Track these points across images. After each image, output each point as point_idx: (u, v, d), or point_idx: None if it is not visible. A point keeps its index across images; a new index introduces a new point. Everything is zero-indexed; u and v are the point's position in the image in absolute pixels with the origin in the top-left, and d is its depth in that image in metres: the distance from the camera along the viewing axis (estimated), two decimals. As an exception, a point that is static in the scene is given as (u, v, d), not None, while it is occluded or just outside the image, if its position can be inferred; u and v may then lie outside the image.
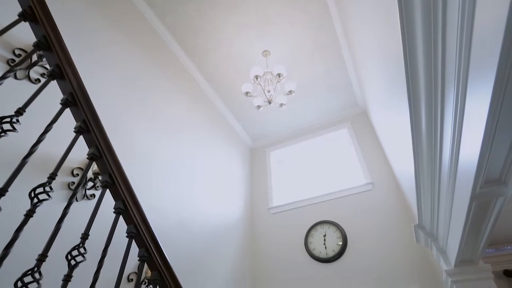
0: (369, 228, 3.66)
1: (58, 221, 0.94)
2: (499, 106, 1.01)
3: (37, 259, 0.85)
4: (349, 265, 3.50)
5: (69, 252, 0.94)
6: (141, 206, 1.19)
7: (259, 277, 3.97)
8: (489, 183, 1.26)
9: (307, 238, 3.91)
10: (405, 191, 3.24)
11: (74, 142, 1.09)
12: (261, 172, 5.09)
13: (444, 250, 2.21)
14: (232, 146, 4.82)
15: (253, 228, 4.48)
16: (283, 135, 5.32)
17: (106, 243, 1.06)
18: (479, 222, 1.51)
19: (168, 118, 3.36)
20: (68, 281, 0.91)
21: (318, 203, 4.17)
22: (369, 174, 4.09)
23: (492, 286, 1.98)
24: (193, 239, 3.09)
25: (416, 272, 3.16)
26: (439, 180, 1.68)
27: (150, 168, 2.84)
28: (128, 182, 1.17)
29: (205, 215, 3.44)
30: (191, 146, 3.64)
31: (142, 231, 1.16)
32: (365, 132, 4.57)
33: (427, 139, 1.58)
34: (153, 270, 1.21)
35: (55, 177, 0.96)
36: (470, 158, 1.25)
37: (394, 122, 2.59)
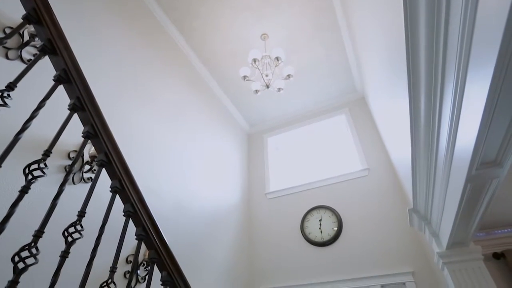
0: (364, 213, 3.72)
1: (54, 197, 0.93)
2: (499, 89, 1.01)
3: (33, 235, 0.85)
4: (344, 249, 3.57)
5: (66, 229, 0.94)
6: (137, 185, 1.19)
7: (255, 261, 4.05)
8: (484, 165, 1.27)
9: (303, 222, 3.96)
10: (401, 176, 3.27)
11: (68, 120, 1.07)
12: (258, 157, 5.10)
13: (437, 233, 2.26)
14: (230, 131, 4.81)
15: (250, 213, 4.53)
16: (280, 121, 5.30)
17: (103, 221, 1.06)
18: (472, 204, 1.53)
19: (164, 102, 3.33)
20: (66, 257, 0.91)
21: (315, 188, 4.21)
22: (366, 160, 4.12)
23: (481, 267, 2.04)
24: (191, 223, 3.11)
25: (409, 255, 3.24)
26: (435, 164, 1.69)
27: (146, 152, 2.82)
28: (124, 161, 1.16)
29: (203, 199, 3.46)
30: (188, 130, 3.62)
31: (139, 210, 1.16)
32: (362, 118, 4.57)
33: (425, 122, 1.58)
34: (150, 249, 1.22)
35: (49, 154, 0.94)
36: (467, 140, 1.25)
37: (392, 107, 2.59)
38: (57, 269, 0.88)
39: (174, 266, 1.23)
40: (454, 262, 2.08)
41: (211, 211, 3.56)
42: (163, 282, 1.22)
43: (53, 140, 0.98)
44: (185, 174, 3.27)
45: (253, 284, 3.86)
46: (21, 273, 0.79)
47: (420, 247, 3.23)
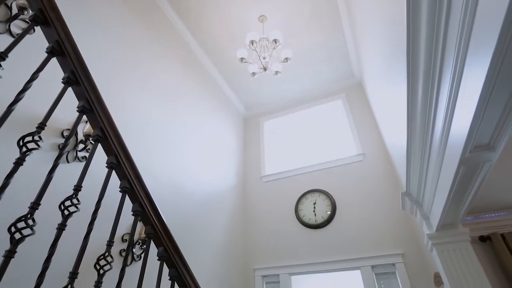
0: (357, 197, 3.79)
1: (49, 171, 0.93)
2: (496, 73, 1.02)
3: (29, 207, 0.85)
4: (336, 231, 3.66)
5: (62, 203, 0.94)
6: (133, 161, 1.19)
7: (250, 242, 4.13)
8: (478, 148, 1.29)
9: (297, 205, 4.03)
10: (395, 161, 3.32)
11: (63, 93, 1.04)
12: (254, 141, 5.11)
13: (428, 216, 2.31)
14: (226, 114, 4.78)
15: (245, 195, 4.58)
16: (277, 105, 5.28)
17: (99, 196, 1.06)
18: (464, 187, 1.57)
19: (160, 83, 3.29)
20: (62, 230, 0.91)
21: (310, 172, 4.25)
22: (361, 145, 4.15)
23: (468, 248, 2.11)
24: (186, 204, 3.14)
25: (399, 238, 3.33)
26: (429, 147, 1.71)
27: (142, 132, 2.81)
28: (120, 136, 1.15)
29: (198, 181, 3.48)
30: (184, 112, 3.59)
31: (135, 186, 1.17)
32: (359, 104, 4.57)
33: (422, 107, 1.58)
34: (147, 225, 1.23)
35: (44, 127, 0.93)
36: (462, 124, 1.26)
37: (390, 93, 2.59)
38: (54, 241, 0.89)
39: (170, 242, 1.25)
40: (443, 243, 2.15)
41: (207, 193, 3.59)
42: (160, 257, 1.25)
43: (48, 113, 0.96)
44: (180, 156, 3.28)
45: (248, 264, 3.96)
46: (18, 243, 0.79)
47: (410, 230, 3.32)
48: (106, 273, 1.01)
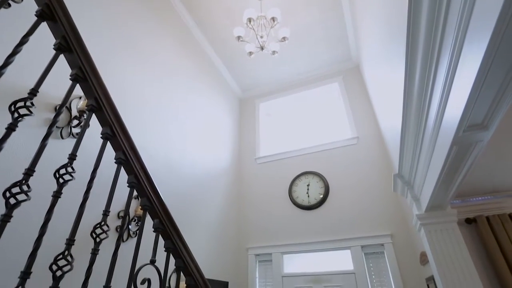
0: (350, 179, 3.85)
1: (43, 138, 0.91)
2: (494, 53, 1.03)
3: (24, 173, 0.84)
4: (329, 213, 3.74)
5: (57, 171, 0.94)
6: (129, 133, 1.17)
7: (244, 222, 4.20)
8: (472, 127, 1.30)
9: (291, 187, 4.08)
10: (389, 144, 3.36)
11: (55, 60, 1.01)
12: (249, 123, 5.09)
13: (418, 198, 2.37)
14: (222, 95, 4.73)
15: (240, 176, 4.62)
16: (273, 87, 5.23)
17: (94, 166, 1.05)
18: (455, 167, 1.60)
19: (156, 62, 3.24)
20: (58, 197, 0.91)
21: (304, 154, 4.28)
22: (356, 128, 4.17)
23: (455, 228, 2.18)
24: (181, 183, 3.16)
25: (389, 219, 3.43)
26: (424, 128, 1.73)
27: (138, 111, 2.79)
28: (115, 107, 1.13)
29: (194, 161, 3.49)
30: (180, 92, 3.55)
31: (131, 157, 1.16)
32: (355, 87, 4.56)
33: (419, 86, 1.58)
34: (142, 197, 1.24)
35: (36, 93, 0.91)
36: (457, 103, 1.27)
37: (387, 75, 2.58)
38: (50, 207, 0.88)
39: (165, 214, 1.26)
40: (431, 224, 2.22)
41: (202, 174, 3.60)
42: (155, 229, 1.26)
43: (39, 79, 0.94)
44: (176, 136, 3.26)
45: (241, 243, 4.05)
46: (13, 208, 0.79)
47: (400, 211, 3.41)
48: (102, 243, 1.03)
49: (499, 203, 2.88)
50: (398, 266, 3.14)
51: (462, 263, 2.09)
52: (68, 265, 0.87)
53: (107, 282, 1.00)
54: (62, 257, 0.87)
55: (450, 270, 2.09)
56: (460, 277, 2.06)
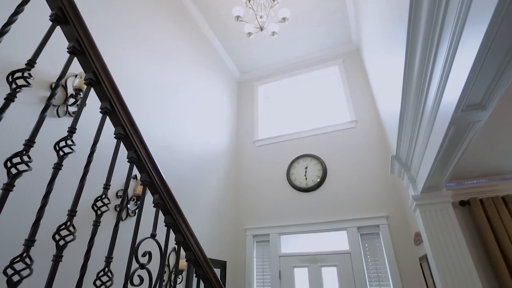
0: (348, 162, 3.88)
1: (42, 111, 0.91)
2: (494, 33, 1.02)
3: (24, 144, 0.84)
4: (326, 195, 3.79)
5: (57, 143, 0.94)
6: (127, 108, 1.17)
7: (242, 204, 4.26)
8: (470, 107, 1.31)
9: (289, 169, 4.12)
10: (387, 127, 3.36)
11: (51, 32, 0.99)
12: (248, 105, 5.07)
13: (414, 179, 2.41)
14: (220, 78, 4.68)
15: (238, 159, 4.64)
16: (272, 70, 5.17)
17: (94, 140, 1.05)
18: (452, 147, 1.62)
19: (155, 44, 3.21)
20: (59, 169, 0.92)
21: (303, 137, 4.30)
22: (354, 112, 4.17)
23: (449, 209, 2.23)
24: (180, 164, 3.18)
25: (385, 201, 3.48)
26: (423, 107, 1.73)
27: (136, 93, 2.79)
28: (114, 81, 1.12)
29: (192, 143, 3.50)
30: (179, 73, 3.51)
31: (130, 132, 1.16)
32: (355, 71, 4.52)
33: (420, 65, 1.57)
34: (142, 172, 1.25)
35: (33, 64, 0.90)
36: (457, 82, 1.27)
37: (387, 56, 2.55)
38: (51, 179, 0.89)
39: (165, 189, 1.27)
40: (426, 204, 2.26)
41: (200, 155, 3.62)
42: (155, 204, 1.28)
43: (36, 50, 0.92)
44: (174, 117, 3.25)
45: (239, 224, 4.12)
46: (15, 177, 0.80)
47: (396, 194, 3.46)
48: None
49: (493, 186, 2.93)
50: (393, 247, 3.23)
51: (455, 243, 2.15)
52: (71, 235, 0.88)
53: (109, 253, 1.02)
54: (64, 227, 0.88)
55: (443, 249, 2.15)
56: (452, 256, 2.12)
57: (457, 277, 2.06)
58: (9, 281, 0.74)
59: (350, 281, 3.28)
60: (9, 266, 0.75)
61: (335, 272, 3.40)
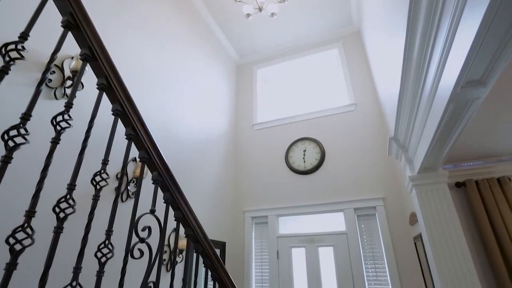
0: (346, 145, 3.90)
1: (37, 85, 0.90)
2: (495, 11, 1.00)
3: (20, 117, 0.84)
4: (324, 177, 3.83)
5: (54, 118, 0.93)
6: (124, 85, 1.16)
7: (241, 187, 4.30)
8: (470, 83, 1.30)
9: (288, 153, 4.14)
10: (386, 110, 3.36)
11: (43, 4, 0.97)
12: (246, 89, 5.03)
13: (412, 160, 2.42)
14: (218, 61, 4.62)
15: (237, 142, 4.65)
16: (271, 53, 5.09)
17: (91, 116, 1.05)
18: (450, 126, 1.62)
19: (153, 27, 3.17)
20: (56, 143, 0.92)
21: (302, 121, 4.29)
22: (354, 95, 4.15)
23: (445, 188, 2.26)
24: (178, 147, 3.19)
25: (382, 183, 3.53)
26: (422, 88, 1.72)
27: (134, 75, 2.78)
28: (110, 57, 1.11)
29: (191, 126, 3.49)
30: (176, 56, 3.48)
31: (127, 108, 1.16)
32: (355, 53, 4.46)
33: (420, 45, 1.55)
34: (140, 149, 1.25)
35: (27, 37, 0.88)
36: (458, 57, 1.26)
37: (388, 35, 2.51)
38: (49, 153, 0.90)
39: (163, 166, 1.28)
40: (422, 184, 2.29)
41: (199, 139, 3.62)
42: (154, 181, 1.29)
43: (30, 22, 0.90)
44: (172, 101, 3.24)
45: (238, 207, 4.18)
46: (12, 150, 0.80)
47: (393, 176, 3.50)
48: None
49: (489, 167, 2.96)
50: (388, 227, 3.30)
51: (449, 222, 2.19)
52: (70, 208, 0.90)
53: (109, 227, 1.04)
54: (64, 200, 0.90)
55: (438, 228, 2.20)
56: (446, 236, 2.17)
57: (450, 255, 2.11)
58: (11, 249, 0.76)
59: (346, 260, 3.36)
60: (11, 236, 0.76)
61: (332, 252, 3.48)
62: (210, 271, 1.56)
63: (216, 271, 1.55)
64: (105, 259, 0.99)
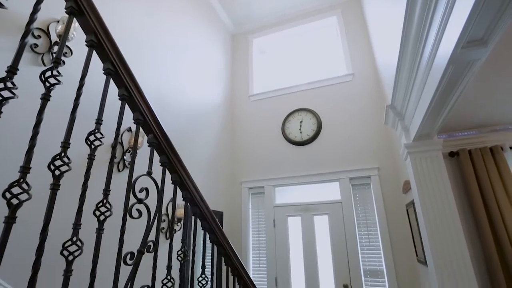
0: (343, 115, 3.89)
1: (22, 37, 0.86)
2: None
3: (6, 71, 0.81)
4: (320, 148, 3.86)
5: (42, 73, 0.90)
6: (115, 42, 1.11)
7: (237, 158, 4.33)
8: (471, 43, 1.27)
9: (284, 123, 4.13)
10: (384, 79, 3.32)
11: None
12: (242, 59, 4.91)
13: (408, 128, 2.43)
14: (213, 29, 4.45)
15: (233, 114, 4.62)
16: (267, 21, 4.91)
17: (82, 74, 1.01)
18: (448, 90, 1.60)
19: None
20: (47, 100, 0.90)
21: (298, 92, 4.24)
22: (351, 65, 4.08)
23: (439, 156, 2.29)
24: (173, 118, 3.15)
25: (377, 153, 3.57)
26: (422, 51, 1.68)
27: (128, 44, 2.69)
28: (98, 12, 1.05)
29: (186, 96, 3.44)
30: (169, 25, 3.35)
31: (119, 68, 1.12)
32: (354, 22, 4.32)
33: (422, 5, 1.49)
34: (135, 111, 1.23)
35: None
36: (460, 16, 1.21)
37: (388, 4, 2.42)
38: (40, 109, 0.88)
39: (158, 128, 1.27)
40: (417, 152, 2.32)
41: (194, 110, 3.58)
42: (150, 143, 1.28)
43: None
44: (167, 71, 3.17)
45: (235, 178, 4.23)
46: (1, 105, 0.78)
47: (388, 146, 3.53)
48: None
49: (483, 137, 2.99)
50: (382, 195, 3.38)
51: (441, 189, 2.25)
52: (65, 166, 0.89)
53: (106, 186, 1.04)
54: (59, 157, 0.89)
55: (430, 195, 2.25)
56: (438, 202, 2.23)
57: (440, 220, 2.18)
58: (9, 203, 0.76)
59: (340, 228, 3.48)
60: (7, 190, 0.76)
61: (327, 220, 3.59)
62: (208, 234, 1.60)
63: (214, 233, 1.59)
64: (103, 217, 1.00)
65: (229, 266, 1.77)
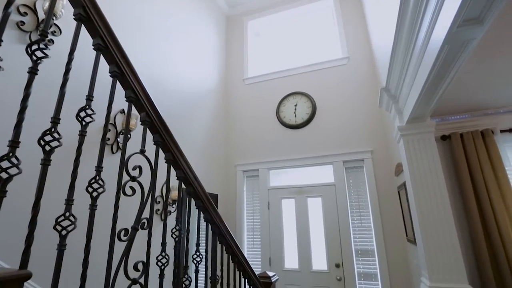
0: (337, 99, 3.88)
1: (4, 8, 0.82)
2: None
3: (-9, 42, 0.78)
4: (315, 131, 3.87)
5: (29, 46, 0.87)
6: (104, 16, 1.08)
7: (232, 141, 4.33)
8: (467, 22, 1.26)
9: (279, 107, 4.11)
10: (379, 62, 3.30)
11: None
12: (237, 42, 4.82)
13: (401, 111, 2.44)
14: (206, 10, 4.33)
15: (227, 97, 4.58)
16: (262, 2, 4.79)
17: (70, 49, 0.98)
18: (443, 71, 1.60)
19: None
20: (35, 74, 0.87)
21: (293, 75, 4.20)
22: (347, 48, 4.03)
23: (431, 138, 2.32)
24: (167, 101, 3.12)
25: (371, 137, 3.59)
26: (417, 32, 1.66)
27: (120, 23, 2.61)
28: (85, -19, 1.01)
29: (179, 78, 3.38)
30: (161, 5, 3.24)
31: (110, 43, 1.09)
32: (350, 4, 4.24)
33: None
34: (127, 89, 1.20)
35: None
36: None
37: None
38: (28, 83, 0.85)
39: (151, 107, 1.25)
40: (410, 134, 2.34)
41: (188, 93, 3.53)
42: (143, 122, 1.26)
43: None
44: (160, 52, 3.10)
45: (230, 161, 4.24)
46: (-13, 76, 0.75)
47: (382, 129, 3.56)
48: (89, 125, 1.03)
49: (475, 121, 3.02)
50: (375, 178, 3.43)
51: (432, 171, 2.29)
52: (56, 141, 0.88)
53: (98, 163, 1.03)
54: (49, 133, 0.87)
55: (421, 177, 2.29)
56: (429, 184, 2.27)
57: (430, 201, 2.23)
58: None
59: (333, 210, 3.54)
60: (-5, 164, 0.75)
61: (320, 202, 3.65)
62: (202, 212, 1.62)
63: (208, 212, 1.60)
64: (96, 193, 1.00)
65: (224, 244, 1.80)
